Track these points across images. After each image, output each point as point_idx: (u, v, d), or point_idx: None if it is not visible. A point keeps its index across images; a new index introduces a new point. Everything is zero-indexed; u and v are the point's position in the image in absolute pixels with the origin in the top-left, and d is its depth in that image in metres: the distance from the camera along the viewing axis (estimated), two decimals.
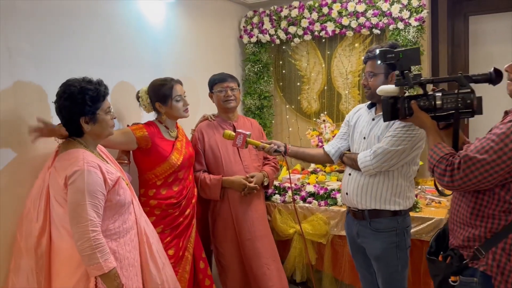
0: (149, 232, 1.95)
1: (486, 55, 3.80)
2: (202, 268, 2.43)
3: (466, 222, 1.51)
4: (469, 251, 1.49)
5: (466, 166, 1.38)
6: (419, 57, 1.62)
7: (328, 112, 3.56)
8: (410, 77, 1.59)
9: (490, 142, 1.36)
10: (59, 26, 2.04)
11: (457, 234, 1.55)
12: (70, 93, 1.65)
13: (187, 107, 2.30)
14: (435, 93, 1.59)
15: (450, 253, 1.54)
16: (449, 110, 1.55)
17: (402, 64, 1.61)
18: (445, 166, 1.43)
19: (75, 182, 1.59)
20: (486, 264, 1.43)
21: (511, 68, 1.46)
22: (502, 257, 1.42)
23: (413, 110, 1.62)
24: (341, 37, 3.41)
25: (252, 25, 3.60)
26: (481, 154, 1.36)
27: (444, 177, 1.43)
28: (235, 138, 2.12)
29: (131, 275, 1.75)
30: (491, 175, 1.36)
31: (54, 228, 1.70)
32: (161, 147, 2.22)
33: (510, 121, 1.35)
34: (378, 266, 2.09)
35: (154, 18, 2.68)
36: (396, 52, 1.61)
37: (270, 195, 2.99)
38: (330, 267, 2.86)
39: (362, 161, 2.02)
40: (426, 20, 3.03)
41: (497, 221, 1.43)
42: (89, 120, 1.70)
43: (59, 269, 1.68)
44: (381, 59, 1.66)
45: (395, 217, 2.03)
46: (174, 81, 2.27)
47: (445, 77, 1.65)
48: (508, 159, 1.33)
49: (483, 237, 1.45)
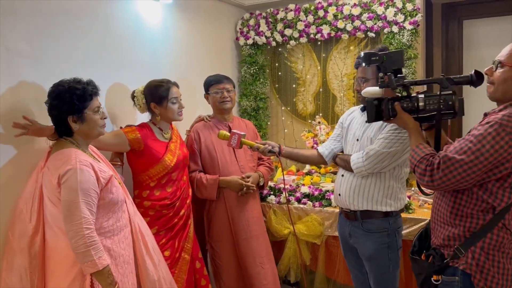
0: (144, 230, 1.98)
1: (480, 58, 3.83)
2: (198, 268, 2.45)
3: (446, 221, 1.55)
4: (449, 250, 1.52)
5: (445, 166, 1.41)
6: (403, 59, 1.64)
7: (323, 114, 3.59)
8: (393, 79, 1.61)
9: (468, 143, 1.40)
10: (58, 27, 2.06)
11: (438, 233, 1.59)
12: (58, 92, 1.69)
13: (181, 111, 2.32)
14: (418, 95, 1.62)
15: (431, 252, 1.58)
16: (432, 111, 1.59)
17: (386, 66, 1.64)
18: (425, 166, 1.47)
19: (68, 180, 1.61)
20: (466, 263, 1.47)
21: (490, 71, 1.50)
22: (481, 255, 1.45)
23: (396, 111, 1.65)
24: (337, 40, 3.45)
25: (249, 27, 3.63)
26: (460, 155, 1.39)
27: (424, 177, 1.47)
28: (230, 139, 2.14)
29: (126, 272, 1.77)
30: (469, 175, 1.39)
31: (48, 228, 1.72)
32: (154, 149, 2.23)
33: (488, 123, 1.39)
34: (369, 266, 2.12)
35: (151, 19, 2.70)
36: (380, 54, 1.64)
37: (265, 196, 3.01)
38: (324, 267, 2.89)
39: (354, 163, 2.05)
40: (420, 23, 3.06)
41: (476, 220, 1.47)
42: (77, 119, 1.72)
43: (54, 269, 1.69)
44: (366, 62, 1.68)
45: (387, 218, 2.06)
46: (171, 83, 2.29)
47: (427, 79, 1.69)
48: (485, 159, 1.36)
49: (463, 236, 1.49)
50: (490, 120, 1.40)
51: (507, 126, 1.35)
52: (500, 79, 1.45)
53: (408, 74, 3.03)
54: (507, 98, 1.46)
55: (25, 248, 1.71)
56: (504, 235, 1.45)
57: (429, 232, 1.71)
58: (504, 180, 1.41)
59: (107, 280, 1.63)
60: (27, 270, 1.70)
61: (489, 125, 1.38)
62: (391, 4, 3.08)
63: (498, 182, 1.42)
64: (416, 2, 3.02)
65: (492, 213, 1.45)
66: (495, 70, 1.48)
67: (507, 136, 1.35)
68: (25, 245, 1.71)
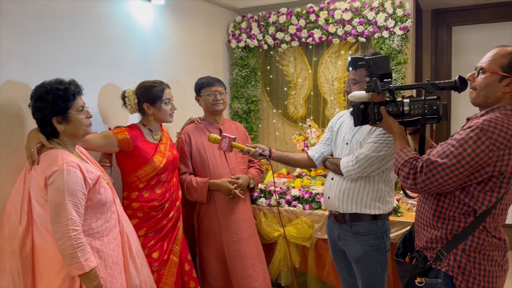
0: (129, 232, 1.97)
1: (468, 64, 3.90)
2: (187, 271, 2.44)
3: (429, 224, 1.58)
4: (432, 252, 1.55)
5: (428, 169, 1.44)
6: (389, 65, 1.67)
7: (314, 118, 3.62)
8: (378, 83, 1.64)
9: (450, 147, 1.42)
10: (48, 27, 2.05)
11: (421, 236, 1.62)
12: (40, 94, 1.68)
13: (173, 112, 2.33)
14: (403, 99, 1.65)
15: (415, 254, 1.60)
16: (416, 116, 1.62)
17: (372, 71, 1.67)
18: (409, 170, 1.49)
19: (55, 182, 1.60)
20: (448, 265, 1.50)
21: (473, 77, 1.53)
22: (462, 258, 1.48)
23: (382, 116, 1.68)
24: (328, 44, 3.48)
25: (240, 30, 3.64)
26: (442, 159, 1.42)
27: (408, 180, 1.49)
28: (221, 142, 2.14)
29: (115, 273, 1.76)
30: (451, 179, 1.42)
31: (36, 229, 1.70)
32: (143, 150, 2.22)
33: (470, 127, 1.42)
34: (358, 268, 2.14)
35: (143, 20, 2.70)
36: (367, 59, 1.67)
37: (255, 198, 3.02)
38: (314, 270, 2.90)
39: (344, 166, 2.06)
40: (410, 29, 3.10)
41: (457, 223, 1.50)
42: (62, 120, 1.71)
43: (43, 270, 1.68)
44: (353, 67, 1.71)
45: (375, 221, 2.08)
46: (165, 85, 2.30)
47: (412, 84, 1.73)
48: (466, 163, 1.39)
49: (445, 238, 1.52)
50: (471, 124, 1.43)
51: (488, 130, 1.38)
52: (482, 85, 1.49)
53: (397, 79, 3.06)
54: (488, 103, 1.50)
55: (16, 250, 1.69)
56: (485, 237, 1.48)
57: (413, 234, 1.73)
58: (485, 184, 1.44)
59: (93, 283, 1.62)
60: (19, 273, 1.69)
61: (471, 130, 1.41)
62: (382, 9, 3.12)
63: (479, 185, 1.44)
64: (407, 7, 3.06)
65: (473, 216, 1.48)
66: (477, 76, 1.51)
67: (488, 140, 1.38)
68: (16, 247, 1.69)
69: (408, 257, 1.64)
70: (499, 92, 1.46)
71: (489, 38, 3.85)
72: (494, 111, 1.46)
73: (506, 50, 1.45)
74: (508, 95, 1.46)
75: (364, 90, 1.71)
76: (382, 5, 3.12)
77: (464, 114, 1.69)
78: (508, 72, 1.43)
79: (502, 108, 1.46)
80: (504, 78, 1.44)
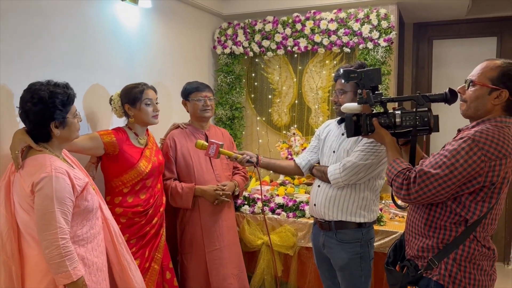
0: (120, 234, 1.95)
1: (448, 77, 4.01)
2: (169, 279, 2.38)
3: (420, 233, 1.59)
4: (423, 261, 1.56)
5: (421, 180, 1.46)
6: (380, 77, 1.70)
7: (298, 126, 3.63)
8: (371, 95, 1.67)
9: (443, 157, 1.45)
10: (32, 26, 1.99)
11: (412, 245, 1.63)
12: (40, 97, 1.61)
13: (156, 114, 2.28)
14: (395, 111, 1.68)
15: (406, 263, 1.61)
16: (408, 127, 1.65)
17: (364, 83, 1.69)
18: (402, 180, 1.51)
19: (43, 188, 1.55)
20: (439, 274, 1.51)
21: (463, 89, 1.57)
22: (453, 267, 1.50)
23: (374, 127, 1.70)
24: (313, 53, 3.51)
25: (226, 37, 3.63)
26: (435, 169, 1.44)
27: (401, 191, 1.51)
28: (208, 148, 2.12)
29: (99, 280, 1.72)
30: (443, 189, 1.44)
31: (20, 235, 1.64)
32: (129, 153, 2.18)
33: (462, 138, 1.45)
34: (342, 276, 2.14)
35: (129, 23, 2.66)
36: (359, 72, 1.70)
37: (239, 205, 2.99)
38: (296, 278, 2.89)
39: (331, 174, 2.07)
40: (394, 41, 3.16)
41: (449, 232, 1.52)
42: (59, 125, 1.67)
43: (27, 278, 1.62)
44: (345, 79, 1.74)
45: (360, 229, 2.10)
46: (147, 86, 2.27)
47: (404, 96, 1.76)
48: (459, 173, 1.42)
49: (436, 247, 1.54)
50: (463, 135, 1.45)
51: (480, 141, 1.41)
52: (472, 97, 1.52)
53: (381, 89, 3.11)
54: (478, 115, 1.53)
55: None
56: (475, 247, 1.50)
57: (403, 243, 1.74)
58: (476, 194, 1.46)
59: None
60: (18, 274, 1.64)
61: (463, 141, 1.43)
62: (367, 21, 3.17)
63: (471, 195, 1.47)
64: (391, 20, 3.12)
65: (464, 226, 1.50)
66: (467, 89, 1.54)
67: (480, 151, 1.40)
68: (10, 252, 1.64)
69: (398, 265, 1.65)
70: (489, 104, 1.49)
71: (468, 52, 3.97)
72: (485, 123, 1.49)
73: (495, 63, 1.49)
74: (498, 107, 1.49)
75: (356, 102, 1.74)
76: (367, 17, 3.17)
77: (454, 126, 1.73)
78: (497, 84, 1.46)
79: (493, 119, 1.48)
80: (494, 90, 1.47)
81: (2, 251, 1.61)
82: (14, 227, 1.64)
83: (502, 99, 1.47)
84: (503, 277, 3.72)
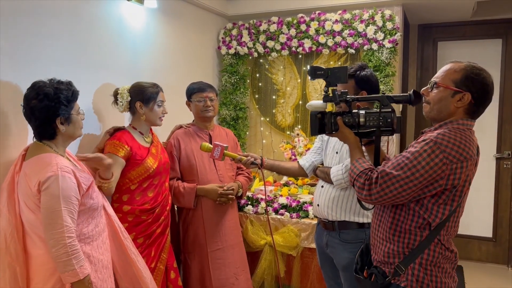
0: (124, 229, 1.98)
1: None
2: (173, 279, 2.39)
3: (385, 238, 1.58)
4: (390, 267, 1.55)
5: (382, 181, 1.45)
6: (346, 76, 1.67)
7: (302, 127, 3.64)
8: (336, 94, 1.66)
9: (405, 159, 1.45)
10: (39, 26, 2.00)
11: (377, 250, 1.62)
12: (45, 94, 1.63)
13: (163, 116, 2.31)
14: (359, 111, 1.67)
15: (373, 270, 1.59)
16: (371, 127, 1.64)
17: (330, 81, 1.68)
18: (364, 180, 1.51)
19: (50, 187, 1.56)
20: (407, 280, 1.50)
21: (426, 91, 1.57)
22: (420, 271, 1.50)
23: (338, 126, 1.69)
24: (317, 54, 3.51)
25: (231, 37, 3.64)
26: (397, 170, 1.44)
27: (363, 191, 1.50)
28: (213, 150, 2.13)
29: (105, 277, 1.73)
30: (405, 190, 1.44)
31: (25, 234, 1.65)
32: (136, 152, 2.19)
33: (424, 141, 1.45)
34: (345, 276, 2.14)
35: (134, 23, 2.67)
36: (325, 69, 1.68)
37: (242, 205, 3.00)
38: (299, 279, 2.89)
39: (334, 175, 2.08)
40: (399, 42, 3.16)
41: (413, 236, 1.51)
42: (65, 121, 1.69)
43: (33, 276, 1.63)
44: (311, 76, 1.71)
45: (363, 229, 2.10)
46: (160, 88, 2.30)
47: (368, 96, 1.76)
48: (420, 176, 1.42)
49: (402, 253, 1.53)
50: (426, 138, 1.46)
51: (442, 144, 1.41)
52: (436, 99, 1.52)
53: (385, 91, 3.11)
54: (441, 117, 1.52)
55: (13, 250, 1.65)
56: (439, 250, 1.50)
57: (369, 247, 1.73)
58: (438, 197, 1.46)
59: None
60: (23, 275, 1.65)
61: (425, 143, 1.43)
62: (372, 22, 3.17)
63: (433, 198, 1.47)
64: (396, 21, 3.12)
65: (428, 230, 1.50)
66: (431, 90, 1.54)
67: (441, 154, 1.40)
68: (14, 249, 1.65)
69: (366, 271, 1.63)
70: (451, 107, 1.49)
71: (473, 54, 3.97)
72: (447, 125, 1.49)
73: (459, 65, 1.49)
74: (461, 110, 1.49)
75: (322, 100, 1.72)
76: (372, 18, 3.17)
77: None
78: (460, 87, 1.47)
79: (455, 122, 1.49)
80: (457, 93, 1.47)
81: (7, 253, 1.62)
82: (18, 227, 1.65)
83: (464, 101, 1.47)
84: (506, 279, 3.71)
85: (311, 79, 1.77)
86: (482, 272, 3.89)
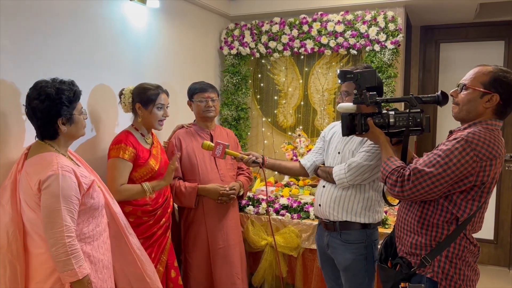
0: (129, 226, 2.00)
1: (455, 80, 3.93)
2: (173, 278, 2.38)
3: (413, 230, 1.65)
4: (416, 258, 1.62)
5: (415, 178, 1.52)
6: (375, 78, 1.75)
7: (303, 127, 3.63)
8: (367, 96, 1.72)
9: (436, 157, 1.51)
10: (41, 25, 2.00)
11: (404, 241, 1.69)
12: (47, 94, 1.63)
13: (164, 119, 2.29)
14: (389, 112, 1.74)
15: (398, 261, 1.67)
16: (401, 127, 1.72)
17: (360, 84, 1.75)
18: (396, 178, 1.57)
19: (50, 186, 1.56)
20: (432, 271, 1.57)
21: (455, 93, 1.64)
22: (445, 264, 1.57)
23: (369, 126, 1.77)
24: (319, 55, 3.51)
25: (233, 37, 3.65)
26: (429, 168, 1.51)
27: (395, 188, 1.57)
28: (215, 148, 2.13)
29: (105, 277, 1.73)
30: (436, 187, 1.51)
31: (25, 233, 1.65)
32: (140, 155, 2.20)
33: (455, 139, 1.52)
34: (346, 277, 2.14)
35: (136, 23, 2.68)
36: (355, 73, 1.75)
37: (243, 206, 3.00)
38: (301, 280, 2.88)
39: (337, 174, 2.08)
40: (401, 44, 3.16)
41: (441, 230, 1.59)
42: (66, 121, 1.68)
43: (33, 276, 1.63)
44: (341, 79, 1.79)
45: (365, 230, 2.10)
46: (162, 90, 2.28)
47: (397, 98, 1.82)
48: (451, 172, 1.48)
49: (429, 245, 1.60)
50: (457, 136, 1.52)
51: (472, 142, 1.48)
52: (465, 100, 1.59)
53: (387, 92, 3.11)
54: (470, 117, 1.60)
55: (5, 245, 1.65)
56: (464, 244, 1.58)
57: (393, 240, 1.80)
58: (467, 193, 1.53)
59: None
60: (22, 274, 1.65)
61: (456, 141, 1.50)
62: (374, 23, 3.17)
63: (462, 194, 1.54)
64: (398, 22, 3.12)
65: (455, 224, 1.57)
66: (460, 92, 1.61)
67: (472, 151, 1.47)
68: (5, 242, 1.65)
69: (390, 262, 1.70)
70: (480, 107, 1.57)
71: (475, 56, 3.95)
72: (476, 125, 1.56)
73: (487, 69, 1.57)
74: (489, 110, 1.57)
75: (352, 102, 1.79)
76: (374, 19, 3.17)
77: (448, 127, 1.79)
78: (488, 89, 1.54)
79: (484, 122, 1.56)
80: (485, 94, 1.54)
81: (8, 251, 1.62)
82: (20, 225, 1.65)
83: (493, 102, 1.54)
84: (508, 282, 3.70)
85: (340, 82, 1.86)
86: (483, 275, 3.82)
